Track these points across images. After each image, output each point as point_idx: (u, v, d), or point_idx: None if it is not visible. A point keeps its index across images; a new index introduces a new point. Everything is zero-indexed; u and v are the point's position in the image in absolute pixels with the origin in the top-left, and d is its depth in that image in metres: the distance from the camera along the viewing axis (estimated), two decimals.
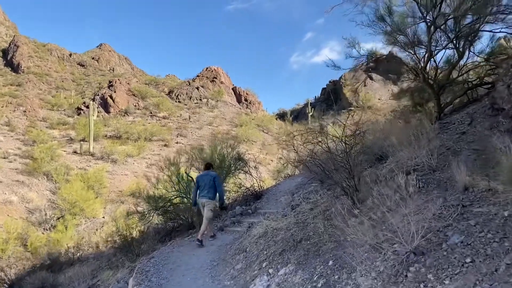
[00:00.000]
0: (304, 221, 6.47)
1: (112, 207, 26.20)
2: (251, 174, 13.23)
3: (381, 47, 8.81)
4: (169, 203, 12.17)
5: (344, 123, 5.63)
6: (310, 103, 58.09)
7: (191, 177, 12.31)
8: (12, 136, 38.61)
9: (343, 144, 5.56)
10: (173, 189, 12.18)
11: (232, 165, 12.66)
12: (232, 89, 62.11)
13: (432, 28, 7.69)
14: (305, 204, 7.20)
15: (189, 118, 47.63)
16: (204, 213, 9.07)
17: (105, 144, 35.77)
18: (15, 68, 66.98)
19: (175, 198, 12.18)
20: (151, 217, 12.22)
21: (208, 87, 57.00)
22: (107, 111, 46.79)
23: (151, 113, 48.02)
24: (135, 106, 48.62)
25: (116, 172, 31.84)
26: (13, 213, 24.22)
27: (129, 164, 33.60)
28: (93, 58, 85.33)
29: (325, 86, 67.20)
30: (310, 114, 54.24)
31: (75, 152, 35.34)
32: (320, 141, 5.79)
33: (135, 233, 13.37)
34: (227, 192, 13.08)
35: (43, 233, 23.08)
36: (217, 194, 9.21)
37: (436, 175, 5.57)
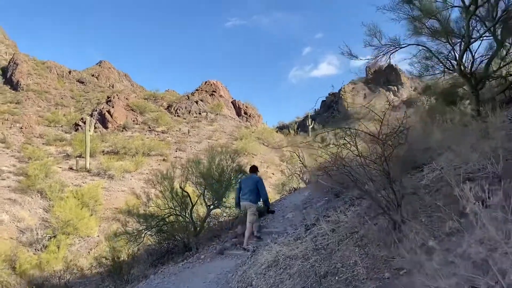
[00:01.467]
0: (327, 247, 4.95)
1: (107, 225, 24.59)
2: None
3: (405, 36, 7.35)
4: (162, 222, 10.62)
5: (381, 117, 4.12)
6: (310, 115, 56.75)
7: (187, 192, 10.79)
8: (7, 153, 37.11)
9: (381, 145, 4.07)
10: (166, 206, 10.63)
11: (232, 178, 11.11)
12: (232, 102, 60.76)
13: (471, 7, 6.24)
14: (324, 224, 5.67)
15: (188, 132, 46.16)
16: (247, 216, 8.79)
17: (102, 160, 34.24)
18: (14, 85, 65.79)
19: (169, 216, 10.63)
20: (141, 238, 10.64)
21: (207, 101, 55.64)
22: (105, 127, 45.35)
23: (149, 127, 46.56)
24: (133, 121, 47.21)
25: (113, 188, 30.27)
26: (3, 233, 22.59)
27: (126, 180, 32.05)
28: (92, 75, 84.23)
29: (325, 99, 66.13)
30: (311, 126, 52.93)
31: (71, 168, 33.81)
32: (347, 142, 4.29)
33: (125, 256, 11.81)
34: (228, 208, 11.52)
35: (34, 254, 21.49)
36: (261, 199, 9.04)
37: (508, 186, 4.08)
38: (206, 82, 61.43)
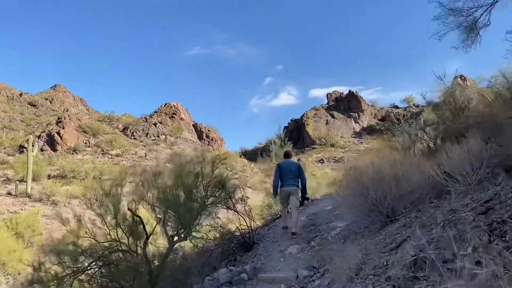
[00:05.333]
0: None
1: (46, 259, 19.86)
2: (235, 211, 8.04)
3: None
4: (100, 261, 6.76)
5: None
6: (274, 141, 53.75)
7: (139, 217, 7.00)
8: None
9: None
10: (108, 237, 6.79)
11: (208, 196, 7.35)
12: (193, 125, 56.90)
13: None
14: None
15: (145, 156, 41.77)
16: (290, 202, 8.08)
17: (46, 184, 29.32)
18: None
19: (111, 252, 6.78)
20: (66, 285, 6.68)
21: (167, 123, 51.55)
22: (54, 149, 40.19)
23: (102, 150, 41.79)
24: (85, 143, 42.29)
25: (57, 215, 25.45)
26: None
27: (73, 206, 27.27)
28: (46, 99, 78.20)
29: (287, 125, 63.87)
30: (274, 152, 49.80)
31: (9, 193, 28.66)
32: None
33: None
34: (200, 239, 7.71)
35: None
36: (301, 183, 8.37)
37: None
38: (166, 104, 57.39)
